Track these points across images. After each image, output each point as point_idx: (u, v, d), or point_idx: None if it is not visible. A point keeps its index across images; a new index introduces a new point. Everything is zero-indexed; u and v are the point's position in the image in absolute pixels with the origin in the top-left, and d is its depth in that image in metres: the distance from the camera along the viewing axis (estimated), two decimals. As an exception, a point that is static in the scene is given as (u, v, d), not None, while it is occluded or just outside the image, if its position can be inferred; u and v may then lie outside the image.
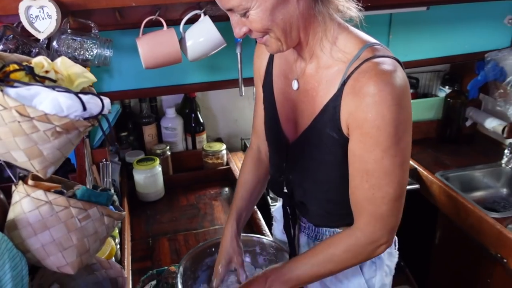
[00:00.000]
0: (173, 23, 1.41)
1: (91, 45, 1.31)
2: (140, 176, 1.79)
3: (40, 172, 0.71)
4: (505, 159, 1.82)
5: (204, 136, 2.10)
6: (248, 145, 2.08)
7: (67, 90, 0.67)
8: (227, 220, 1.27)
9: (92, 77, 0.77)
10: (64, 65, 0.74)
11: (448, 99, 2.25)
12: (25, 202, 0.75)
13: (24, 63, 0.71)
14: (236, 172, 1.93)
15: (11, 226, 0.76)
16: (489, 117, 2.20)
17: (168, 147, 1.97)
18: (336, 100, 0.96)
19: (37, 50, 1.28)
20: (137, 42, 1.35)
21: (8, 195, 0.81)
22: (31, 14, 1.15)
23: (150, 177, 1.80)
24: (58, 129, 0.67)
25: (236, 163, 2.02)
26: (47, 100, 0.65)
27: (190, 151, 2.08)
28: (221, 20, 1.44)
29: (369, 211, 0.99)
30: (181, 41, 1.39)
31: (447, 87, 2.33)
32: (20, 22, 1.22)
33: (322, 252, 1.07)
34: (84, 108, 0.68)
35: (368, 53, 0.93)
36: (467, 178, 2.05)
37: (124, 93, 1.66)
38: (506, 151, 1.94)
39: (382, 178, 0.95)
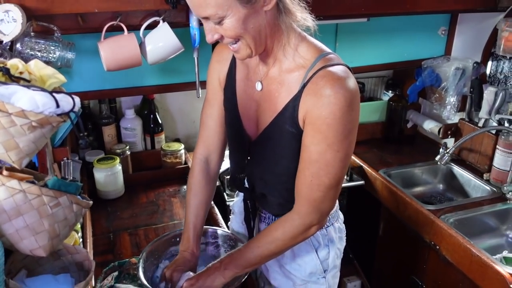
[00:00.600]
0: (133, 28, 1.49)
1: (53, 48, 1.37)
2: (100, 174, 1.85)
3: (16, 163, 0.79)
4: (438, 157, 2.01)
5: (162, 136, 2.18)
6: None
7: (42, 89, 0.75)
8: (186, 239, 1.30)
9: (62, 78, 0.86)
10: (36, 67, 0.82)
11: (391, 102, 2.44)
12: (1, 191, 0.82)
13: (1, 65, 0.79)
14: (194, 170, 2.02)
15: (-14, 213, 0.83)
16: (427, 119, 2.40)
17: (127, 147, 2.04)
18: (296, 100, 1.08)
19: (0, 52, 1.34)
20: (98, 46, 1.42)
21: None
22: (-3, 18, 1.21)
23: (110, 175, 1.86)
24: (33, 123, 0.75)
25: (194, 162, 2.11)
26: (24, 98, 0.73)
27: (149, 151, 2.16)
28: (178, 26, 1.54)
29: (306, 195, 1.13)
30: (141, 45, 1.47)
31: (390, 91, 2.53)
32: (-16, 25, 1.28)
33: (266, 235, 1.19)
34: (58, 105, 0.76)
35: (325, 61, 1.06)
36: (407, 175, 2.23)
37: (84, 94, 1.72)
38: (441, 150, 2.13)
39: (322, 169, 1.08)
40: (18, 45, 1.31)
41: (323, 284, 1.34)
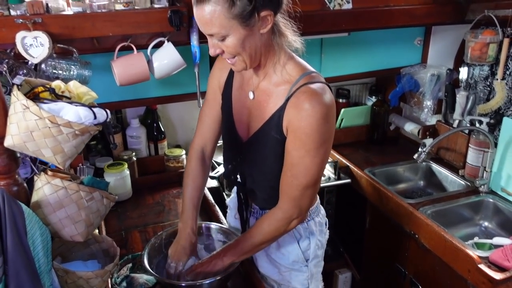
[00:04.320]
0: (141, 47, 1.69)
1: (73, 67, 1.56)
2: (110, 178, 2.03)
3: (61, 164, 0.98)
4: (416, 155, 2.20)
5: (165, 143, 2.37)
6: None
7: (83, 104, 0.95)
8: (185, 220, 1.47)
9: (94, 95, 1.05)
10: (74, 86, 1.02)
11: (374, 107, 2.65)
12: (46, 187, 1.01)
13: (47, 86, 0.98)
14: (195, 174, 2.21)
15: (35, 206, 1.02)
16: (407, 121, 2.61)
17: (133, 153, 2.22)
18: (281, 110, 1.27)
19: (25, 71, 1.53)
20: (112, 64, 1.62)
21: None
22: (26, 43, 1.40)
23: (119, 179, 2.04)
24: (76, 132, 0.94)
25: (195, 166, 2.30)
26: (70, 112, 0.92)
27: (153, 157, 2.34)
28: (180, 45, 1.74)
29: (287, 193, 1.32)
30: (149, 62, 1.67)
31: (373, 97, 2.73)
32: (13, 48, 1.47)
33: (256, 227, 1.39)
34: (95, 117, 0.96)
35: (307, 78, 1.25)
36: (391, 173, 2.43)
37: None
38: (419, 149, 2.33)
39: (301, 171, 1.27)
40: (43, 66, 1.50)
41: (305, 272, 1.51)
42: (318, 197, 1.54)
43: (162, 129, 2.34)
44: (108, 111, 1.00)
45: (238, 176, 1.49)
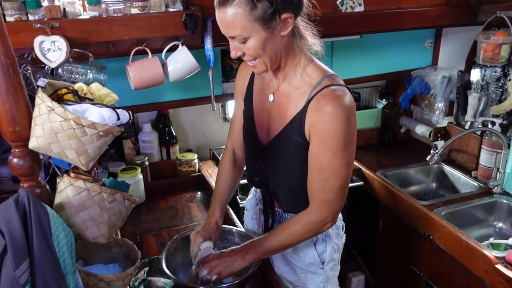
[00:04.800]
0: (155, 51, 1.70)
1: (88, 71, 1.58)
2: (124, 183, 2.04)
3: (84, 165, 0.98)
4: (428, 157, 2.20)
5: (177, 147, 2.37)
6: (216, 155, 2.39)
7: (106, 106, 0.95)
8: (212, 210, 1.53)
9: (115, 97, 1.06)
10: (96, 88, 1.02)
11: (385, 110, 2.65)
12: (69, 189, 1.02)
13: (70, 88, 0.99)
14: (208, 178, 2.22)
15: (58, 208, 1.02)
16: (418, 124, 2.61)
17: (146, 158, 2.23)
18: (302, 113, 1.28)
19: (40, 76, 1.54)
20: (127, 68, 1.63)
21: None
22: (44, 47, 1.41)
23: (133, 184, 2.04)
24: (100, 133, 0.95)
25: (207, 170, 2.31)
26: (95, 113, 0.93)
27: (165, 161, 2.35)
28: (193, 48, 1.74)
29: (320, 197, 1.32)
30: (163, 66, 1.68)
31: (384, 99, 2.73)
32: (31, 53, 1.48)
33: (284, 228, 1.38)
34: (118, 118, 0.96)
35: (327, 81, 1.26)
36: (403, 175, 2.43)
37: (110, 111, 1.91)
38: (431, 151, 2.33)
39: (331, 174, 1.28)
40: (59, 70, 1.51)
41: (321, 275, 1.51)
42: None
43: (174, 134, 2.35)
44: (131, 112, 1.01)
45: (262, 179, 1.49)
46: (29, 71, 1.28)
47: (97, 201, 1.04)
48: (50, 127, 0.93)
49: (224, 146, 2.42)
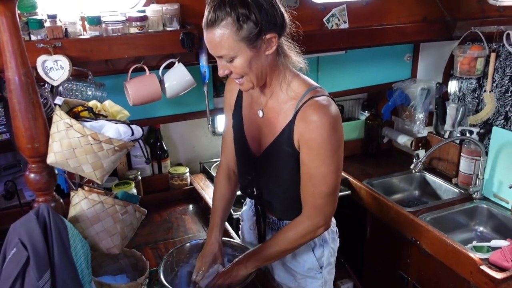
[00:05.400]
0: (152, 68, 1.76)
1: (88, 89, 1.62)
2: (119, 197, 2.07)
3: (99, 179, 1.03)
4: (412, 165, 2.30)
5: (168, 161, 2.41)
6: (206, 168, 2.44)
7: (122, 122, 1.01)
8: (211, 228, 1.58)
9: (127, 113, 1.11)
10: (109, 105, 1.08)
11: (368, 121, 2.75)
12: (83, 202, 1.06)
13: (85, 105, 1.04)
14: (200, 190, 2.26)
15: (73, 220, 1.06)
16: (400, 134, 2.72)
17: (139, 173, 2.26)
18: (290, 125, 1.35)
19: (40, 93, 1.57)
20: (126, 85, 1.68)
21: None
22: (46, 66, 1.45)
23: (127, 198, 2.08)
24: (116, 148, 1.00)
25: (198, 183, 2.35)
26: (111, 129, 0.98)
27: (157, 175, 2.38)
28: (189, 65, 1.81)
29: (311, 202, 1.39)
30: (160, 83, 1.74)
31: (366, 111, 2.84)
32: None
33: (280, 235, 1.45)
34: (133, 133, 1.01)
35: (312, 93, 1.33)
36: (387, 184, 2.53)
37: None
38: (414, 160, 2.44)
39: (319, 180, 1.35)
40: (60, 88, 1.55)
41: (320, 279, 1.57)
42: None
43: (165, 148, 2.39)
44: (143, 128, 1.06)
45: (255, 189, 1.55)
46: (47, 90, 1.31)
47: (111, 213, 1.08)
48: (68, 143, 0.97)
49: (214, 159, 2.52)
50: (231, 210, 2.15)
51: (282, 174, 1.44)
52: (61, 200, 1.09)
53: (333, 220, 1.65)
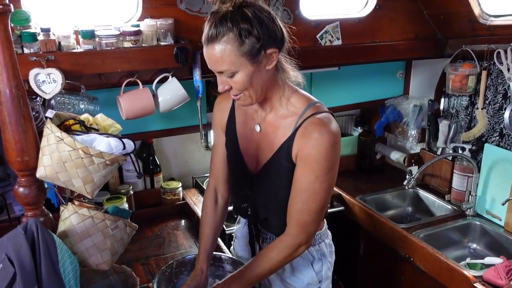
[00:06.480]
0: (145, 82, 1.76)
1: (80, 102, 1.61)
2: (110, 212, 2.04)
3: (89, 194, 1.02)
4: (405, 182, 2.30)
5: (161, 176, 2.39)
6: (199, 183, 2.42)
7: (113, 135, 1.00)
8: (198, 256, 1.53)
9: (119, 127, 1.10)
10: (101, 119, 1.07)
11: (361, 137, 2.76)
12: (73, 217, 1.04)
13: (77, 119, 1.03)
14: (192, 206, 2.24)
15: (62, 235, 1.04)
16: (393, 150, 2.73)
17: (130, 187, 2.24)
18: (290, 140, 1.34)
19: (31, 106, 1.56)
20: (119, 99, 1.67)
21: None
22: (39, 79, 1.44)
23: (119, 213, 2.05)
24: (107, 162, 0.99)
25: (191, 198, 2.33)
26: (103, 143, 0.97)
27: (150, 190, 2.36)
28: (182, 79, 1.81)
29: (296, 219, 1.37)
30: (154, 97, 1.73)
31: (359, 127, 2.84)
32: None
33: (263, 256, 1.42)
34: (124, 147, 1.01)
35: (313, 109, 1.33)
36: (380, 200, 2.52)
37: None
38: (407, 176, 2.43)
39: (310, 196, 1.33)
40: (52, 101, 1.54)
41: None
42: (325, 220, 1.59)
43: (158, 162, 2.38)
44: (135, 142, 1.05)
45: (249, 209, 1.54)
46: (38, 103, 1.30)
47: (101, 229, 1.06)
48: (59, 156, 0.96)
49: (207, 174, 2.49)
50: (224, 226, 2.14)
51: (281, 189, 1.42)
52: (51, 215, 1.07)
53: (329, 234, 1.64)
